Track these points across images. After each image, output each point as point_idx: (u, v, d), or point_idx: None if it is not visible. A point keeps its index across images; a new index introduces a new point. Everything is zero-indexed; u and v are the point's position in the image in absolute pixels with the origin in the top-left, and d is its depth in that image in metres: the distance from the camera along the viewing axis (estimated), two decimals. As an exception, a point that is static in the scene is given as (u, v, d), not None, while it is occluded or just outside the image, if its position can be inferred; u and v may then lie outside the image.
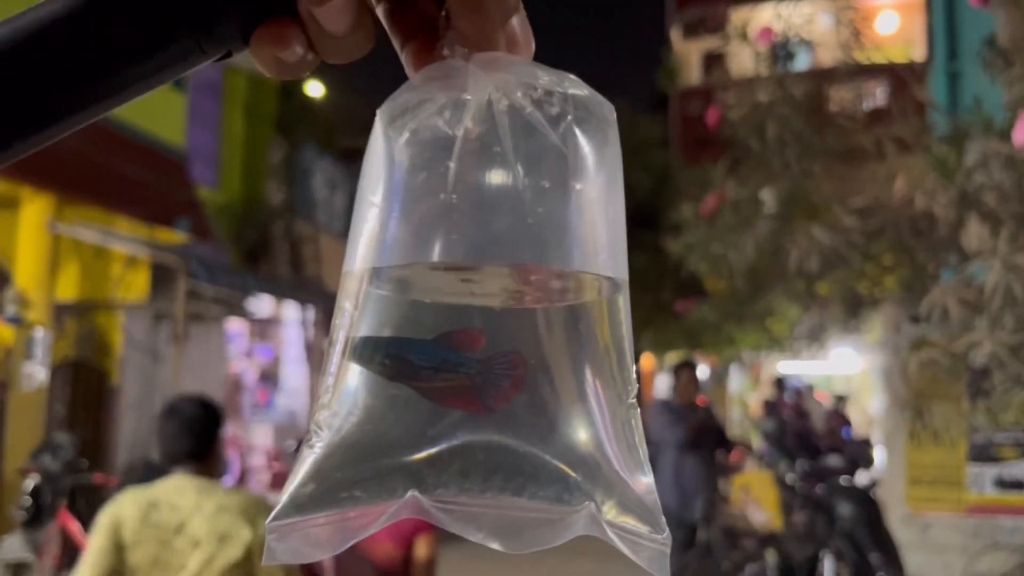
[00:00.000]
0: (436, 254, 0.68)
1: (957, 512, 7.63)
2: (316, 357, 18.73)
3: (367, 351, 0.69)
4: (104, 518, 3.76)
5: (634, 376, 0.73)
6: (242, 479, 16.09)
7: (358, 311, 0.70)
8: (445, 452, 0.68)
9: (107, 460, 12.23)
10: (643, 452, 0.73)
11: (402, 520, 0.69)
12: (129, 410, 12.92)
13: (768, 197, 5.56)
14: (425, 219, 0.68)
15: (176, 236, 13.71)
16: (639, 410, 0.74)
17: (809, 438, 9.47)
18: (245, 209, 17.00)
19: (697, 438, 8.59)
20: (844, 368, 23.12)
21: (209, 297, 14.21)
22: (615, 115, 0.74)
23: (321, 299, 18.14)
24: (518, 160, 0.68)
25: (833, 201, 5.42)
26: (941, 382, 6.03)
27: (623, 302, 0.73)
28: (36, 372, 11.06)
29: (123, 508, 3.75)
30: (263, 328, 18.40)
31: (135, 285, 13.08)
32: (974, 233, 3.96)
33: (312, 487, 0.69)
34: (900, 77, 6.19)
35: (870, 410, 21.22)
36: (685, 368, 9.46)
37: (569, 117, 0.69)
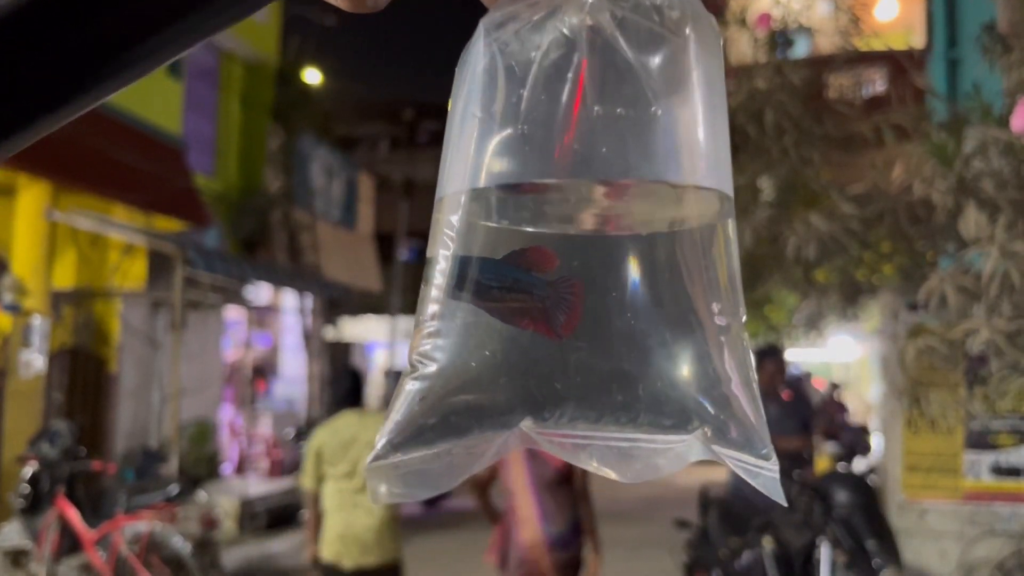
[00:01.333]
0: (542, 172, 0.65)
1: (954, 499, 7.64)
2: (314, 345, 18.75)
3: (444, 272, 0.67)
4: (311, 444, 6.33)
5: (741, 296, 0.71)
6: (241, 466, 16.11)
7: (456, 236, 0.68)
8: (553, 381, 0.66)
9: (105, 447, 12.24)
10: (752, 375, 0.71)
11: None
12: (127, 397, 12.94)
13: (766, 184, 5.55)
14: (531, 137, 0.65)
15: (173, 224, 13.70)
16: (746, 332, 0.72)
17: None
18: (242, 197, 16.99)
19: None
20: (842, 355, 23.14)
21: (207, 285, 14.22)
22: (716, 26, 0.71)
23: (319, 287, 18.13)
24: (633, 72, 0.65)
25: (831, 188, 5.41)
26: (938, 369, 6.01)
27: (729, 218, 0.71)
28: (34, 360, 11.06)
29: (320, 435, 6.34)
30: (261, 316, 18.42)
31: (133, 273, 13.08)
32: (972, 220, 3.95)
33: (412, 423, 0.67)
34: (899, 64, 6.18)
35: (868, 397, 21.25)
36: (770, 356, 8.89)
37: (683, 28, 0.67)
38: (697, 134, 0.68)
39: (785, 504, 0.68)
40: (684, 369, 0.67)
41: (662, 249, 0.68)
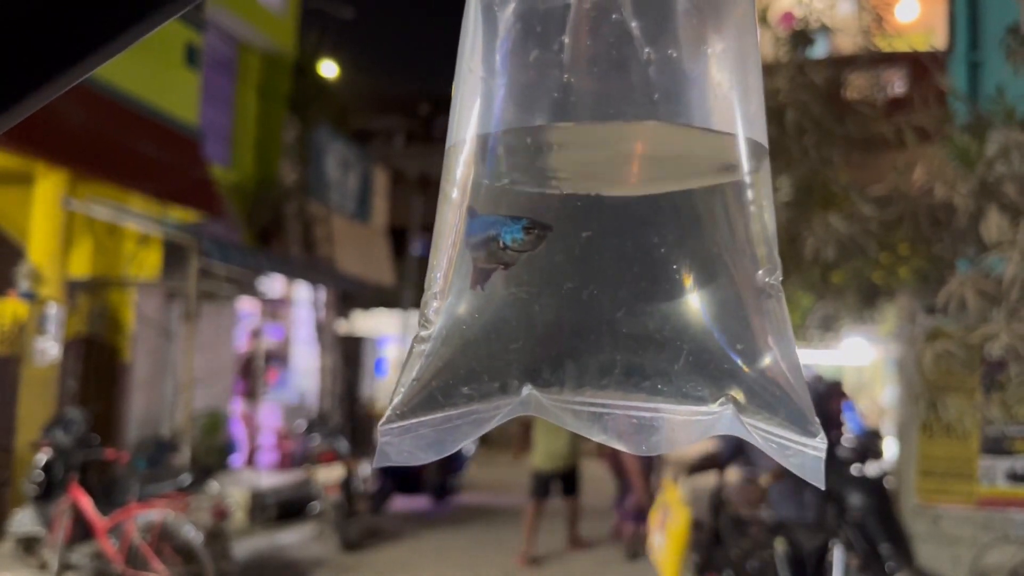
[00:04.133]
0: (550, 116, 0.64)
1: (968, 505, 7.61)
2: (326, 338, 18.76)
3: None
4: None
5: (776, 253, 0.68)
6: (251, 458, 16.13)
7: (464, 193, 0.67)
8: (562, 345, 0.65)
9: (118, 436, 12.26)
10: (792, 342, 0.67)
11: None
12: (140, 387, 12.95)
13: (785, 184, 5.52)
14: (537, 87, 0.64)
15: (189, 214, 13.71)
16: (783, 293, 0.68)
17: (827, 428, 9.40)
18: (258, 188, 17.00)
19: None
20: (856, 358, 23.07)
21: (221, 276, 14.23)
22: None
23: (332, 280, 18.14)
24: (638, 23, 0.63)
25: (851, 189, 5.39)
26: (955, 374, 6.00)
27: (763, 171, 0.68)
28: (49, 348, 11.08)
29: None
30: (274, 308, 18.42)
31: (148, 263, 13.10)
32: (993, 224, 3.93)
33: (422, 387, 0.66)
34: (921, 65, 6.15)
35: (881, 401, 21.17)
36: None
37: None
38: (728, 79, 0.66)
39: (822, 487, 0.64)
40: (716, 332, 0.64)
41: (688, 204, 0.65)
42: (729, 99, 0.65)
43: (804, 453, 0.64)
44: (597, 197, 0.65)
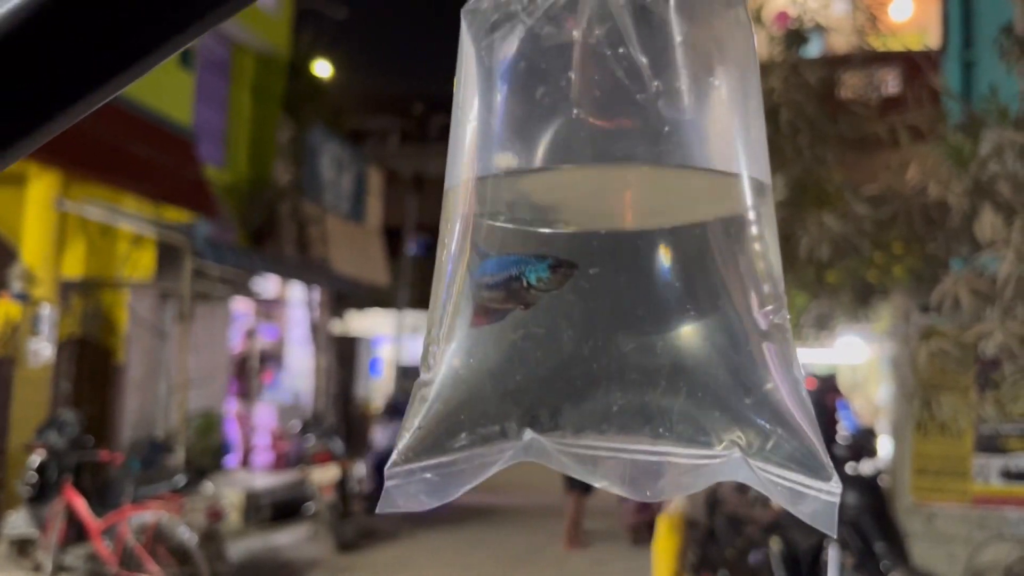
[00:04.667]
0: (551, 158, 0.63)
1: (963, 503, 7.62)
2: (321, 338, 18.74)
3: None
4: None
5: (782, 291, 0.66)
6: (246, 459, 16.11)
7: (464, 234, 0.66)
8: (562, 388, 0.63)
9: (112, 437, 12.23)
10: (802, 382, 0.64)
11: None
12: (134, 388, 12.93)
13: (780, 184, 5.52)
14: (538, 128, 0.63)
15: (182, 215, 13.69)
16: (790, 332, 0.66)
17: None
18: (252, 189, 16.95)
19: None
20: (850, 357, 23.08)
21: (215, 276, 14.20)
22: (747, 13, 0.67)
23: (327, 280, 18.12)
24: (642, 58, 0.62)
25: (845, 188, 5.39)
26: (950, 372, 6.01)
27: (767, 207, 0.66)
28: (42, 349, 11.06)
29: None
30: (268, 308, 18.40)
31: (141, 263, 13.07)
32: (987, 223, 3.93)
33: (425, 432, 0.66)
34: (915, 64, 6.16)
35: (876, 400, 21.19)
36: None
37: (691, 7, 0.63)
38: (727, 118, 0.65)
39: (835, 535, 0.61)
40: (720, 373, 0.62)
41: (689, 242, 0.64)
42: (732, 138, 0.64)
43: (818, 499, 0.61)
44: (599, 235, 0.64)
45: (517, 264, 0.63)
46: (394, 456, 0.66)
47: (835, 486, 0.61)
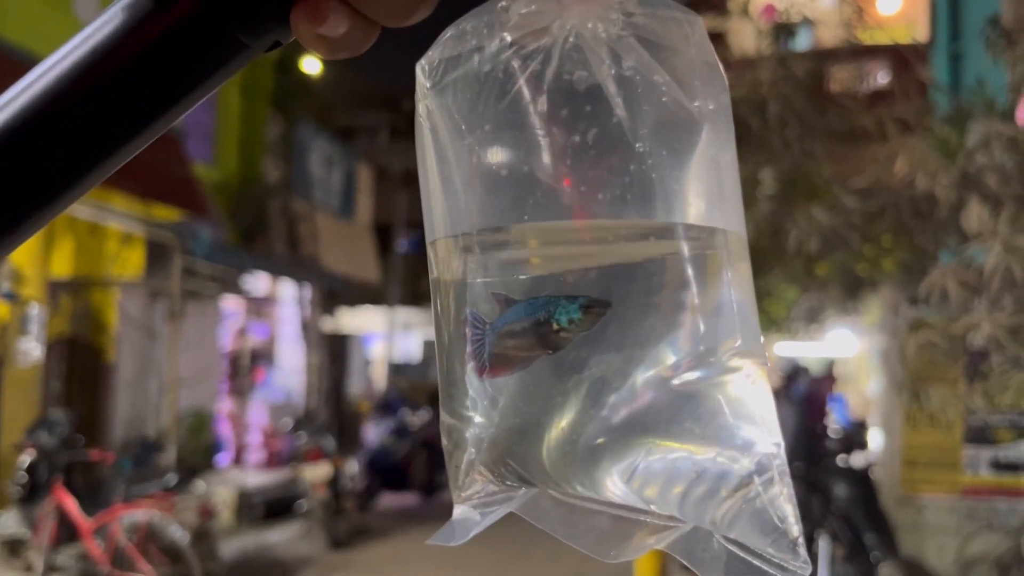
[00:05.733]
0: (523, 214, 0.61)
1: (952, 494, 7.64)
2: (312, 336, 18.72)
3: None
4: None
5: (758, 334, 0.63)
6: (238, 457, 16.10)
7: (464, 287, 0.64)
8: (547, 436, 0.61)
9: (103, 436, 12.19)
10: (776, 431, 0.61)
11: None
12: (124, 387, 12.90)
13: (768, 177, 5.52)
14: (507, 185, 0.61)
15: (172, 213, 13.66)
16: (757, 379, 0.61)
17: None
18: (241, 186, 16.90)
19: None
20: (840, 350, 23.12)
21: (205, 275, 14.17)
22: (701, 32, 0.65)
23: (317, 277, 18.09)
24: (621, 117, 0.60)
25: (834, 182, 5.40)
26: (939, 364, 6.02)
27: (731, 249, 0.63)
28: (31, 348, 11.02)
29: None
30: (259, 306, 18.37)
31: (131, 262, 13.03)
32: (975, 214, 3.94)
33: (464, 481, 0.67)
34: (902, 57, 6.17)
35: (866, 392, 21.25)
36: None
37: (685, 58, 0.62)
38: (694, 171, 0.62)
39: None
40: (679, 424, 0.59)
41: (644, 281, 0.61)
42: (698, 192, 0.63)
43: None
44: (585, 273, 0.61)
45: (545, 307, 0.60)
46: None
47: (804, 565, 0.57)
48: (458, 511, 0.69)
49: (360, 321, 23.96)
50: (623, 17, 0.61)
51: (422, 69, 0.67)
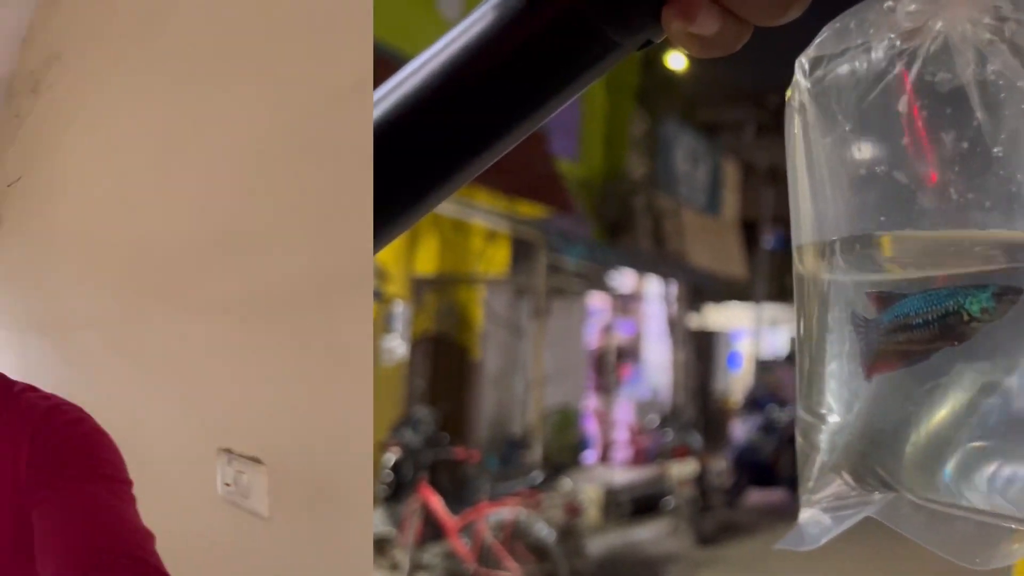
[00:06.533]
0: (890, 224, 0.57)
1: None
2: (678, 332, 18.60)
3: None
4: None
5: None
6: (604, 454, 16.15)
7: (832, 284, 0.61)
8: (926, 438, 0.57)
9: (468, 434, 12.35)
10: None
11: None
12: (490, 384, 13.06)
13: None
14: (874, 192, 0.58)
15: (536, 209, 13.70)
16: None
17: None
18: (606, 182, 16.98)
19: None
20: None
21: (570, 271, 14.28)
22: None
23: (683, 274, 18.07)
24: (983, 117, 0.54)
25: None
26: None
27: None
28: (396, 346, 11.25)
29: None
30: (625, 303, 18.43)
31: (496, 259, 13.17)
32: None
33: (819, 480, 0.63)
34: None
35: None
36: None
37: None
38: None
39: None
40: None
41: None
42: None
43: None
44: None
45: (949, 297, 0.56)
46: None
47: None
48: (805, 514, 0.65)
49: (726, 317, 23.74)
50: (995, 22, 0.57)
51: (800, 65, 0.64)
